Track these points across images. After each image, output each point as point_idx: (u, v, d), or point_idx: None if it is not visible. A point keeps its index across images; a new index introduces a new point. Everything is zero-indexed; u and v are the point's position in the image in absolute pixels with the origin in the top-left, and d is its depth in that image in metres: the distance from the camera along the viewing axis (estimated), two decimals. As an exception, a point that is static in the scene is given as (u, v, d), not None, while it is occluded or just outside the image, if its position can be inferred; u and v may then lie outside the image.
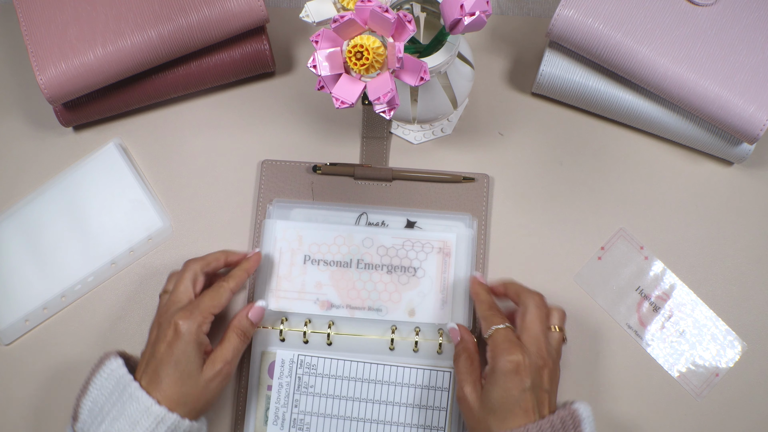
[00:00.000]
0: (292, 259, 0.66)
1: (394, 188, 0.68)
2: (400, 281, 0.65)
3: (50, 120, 0.71)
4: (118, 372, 0.56)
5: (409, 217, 0.67)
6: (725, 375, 0.64)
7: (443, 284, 0.64)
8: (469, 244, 0.66)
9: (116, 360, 0.57)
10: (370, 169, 0.68)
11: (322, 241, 0.66)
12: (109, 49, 0.64)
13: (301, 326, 0.64)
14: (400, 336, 0.63)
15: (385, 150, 0.69)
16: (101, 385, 0.56)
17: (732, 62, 0.62)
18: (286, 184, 0.68)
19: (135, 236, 0.68)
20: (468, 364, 0.58)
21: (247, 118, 0.72)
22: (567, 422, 0.53)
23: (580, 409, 0.54)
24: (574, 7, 0.63)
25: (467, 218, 0.67)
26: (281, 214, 0.67)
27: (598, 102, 0.68)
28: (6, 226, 0.69)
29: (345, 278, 0.65)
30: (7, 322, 0.67)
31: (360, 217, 0.67)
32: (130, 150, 0.71)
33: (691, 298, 0.66)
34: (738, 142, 0.65)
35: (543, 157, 0.70)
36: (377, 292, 0.65)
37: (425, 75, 0.50)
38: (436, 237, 0.65)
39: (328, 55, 0.51)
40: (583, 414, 0.54)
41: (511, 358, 0.54)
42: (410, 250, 0.65)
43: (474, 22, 0.50)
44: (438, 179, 0.68)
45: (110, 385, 0.56)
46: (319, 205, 0.68)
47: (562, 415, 0.53)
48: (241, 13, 0.65)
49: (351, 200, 0.68)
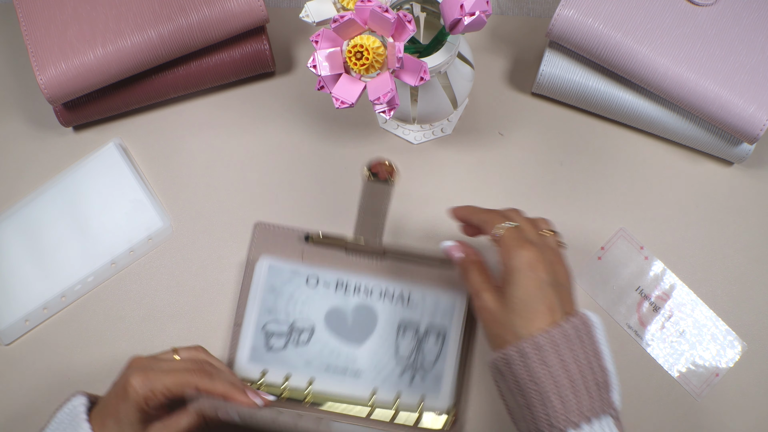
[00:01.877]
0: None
1: (386, 262, 0.66)
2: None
3: (50, 120, 0.71)
4: (77, 410, 0.55)
5: (401, 291, 0.65)
6: (725, 375, 0.64)
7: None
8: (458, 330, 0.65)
9: (80, 398, 0.56)
10: (362, 246, 0.66)
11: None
12: (109, 49, 0.64)
13: (280, 380, 0.63)
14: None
15: (380, 225, 0.67)
16: (60, 420, 0.55)
17: (732, 62, 0.62)
18: (276, 248, 0.66)
19: (135, 236, 0.68)
20: (480, 273, 0.56)
21: (247, 118, 0.72)
22: (579, 328, 0.51)
23: (591, 317, 0.52)
24: (574, 7, 0.63)
25: (458, 302, 0.65)
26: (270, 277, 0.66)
27: (598, 102, 0.68)
28: (6, 226, 0.69)
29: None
30: (7, 322, 0.67)
31: (347, 285, 0.66)
32: (130, 150, 0.71)
33: (691, 298, 0.66)
34: (738, 142, 0.65)
35: (543, 157, 0.70)
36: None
37: (425, 75, 0.51)
38: (426, 320, 0.65)
39: (328, 55, 0.51)
40: (593, 320, 0.52)
41: (524, 253, 0.52)
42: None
43: (474, 22, 0.50)
44: (430, 262, 0.65)
45: (66, 421, 0.55)
46: (308, 267, 0.66)
47: (574, 321, 0.51)
48: (241, 13, 0.65)
49: (340, 267, 0.66)
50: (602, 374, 0.50)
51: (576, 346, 0.50)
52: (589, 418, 0.48)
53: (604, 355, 0.51)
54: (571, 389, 0.48)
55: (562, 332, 0.50)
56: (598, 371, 0.50)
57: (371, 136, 0.71)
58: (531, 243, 0.53)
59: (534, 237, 0.55)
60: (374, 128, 0.71)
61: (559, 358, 0.49)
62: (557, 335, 0.50)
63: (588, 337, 0.51)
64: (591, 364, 0.50)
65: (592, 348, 0.50)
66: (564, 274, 0.54)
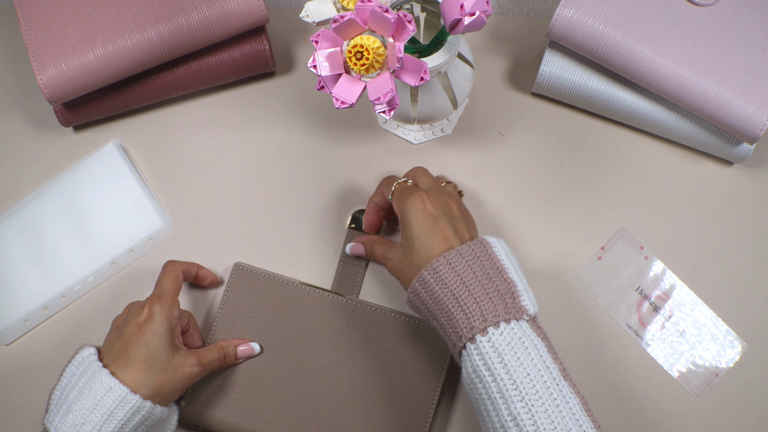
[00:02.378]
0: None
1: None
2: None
3: (50, 120, 0.71)
4: (87, 360, 0.56)
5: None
6: (725, 375, 0.64)
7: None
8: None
9: (88, 349, 0.57)
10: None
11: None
12: (109, 49, 0.64)
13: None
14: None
15: (359, 278, 0.66)
16: (71, 374, 0.56)
17: (732, 62, 0.62)
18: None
19: (135, 236, 0.68)
20: (380, 243, 0.62)
21: (247, 118, 0.72)
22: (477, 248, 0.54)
23: (491, 240, 0.55)
24: (574, 7, 0.63)
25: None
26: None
27: (598, 102, 0.68)
28: (6, 226, 0.69)
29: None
30: (7, 322, 0.67)
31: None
32: (130, 150, 0.71)
33: (691, 298, 0.66)
34: (738, 142, 0.65)
35: (543, 157, 0.70)
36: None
37: (425, 75, 0.50)
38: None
39: (328, 55, 0.51)
40: (492, 241, 0.55)
41: (413, 198, 0.56)
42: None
43: (474, 22, 0.50)
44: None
45: (78, 372, 0.56)
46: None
47: (472, 244, 0.54)
48: (241, 13, 0.65)
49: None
50: (505, 285, 0.53)
51: (474, 263, 0.53)
52: (497, 323, 0.50)
53: (507, 269, 0.54)
54: (473, 300, 0.51)
55: (457, 253, 0.53)
56: (501, 283, 0.52)
57: (371, 136, 0.71)
58: (418, 190, 0.58)
59: (428, 185, 0.59)
60: (374, 128, 0.71)
61: (456, 276, 0.52)
62: (452, 256, 0.53)
63: (486, 255, 0.54)
64: (491, 278, 0.53)
65: (492, 264, 0.53)
66: (458, 210, 0.58)
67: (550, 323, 0.65)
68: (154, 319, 0.57)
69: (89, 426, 0.53)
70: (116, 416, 0.53)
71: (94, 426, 0.53)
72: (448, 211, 0.56)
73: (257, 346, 0.63)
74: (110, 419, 0.53)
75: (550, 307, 0.66)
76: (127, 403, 0.54)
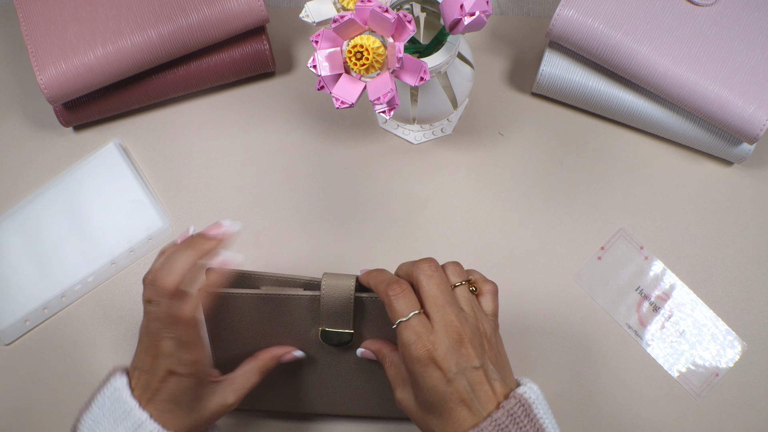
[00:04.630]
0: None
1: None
2: None
3: (50, 120, 0.71)
4: (120, 393, 0.51)
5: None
6: (725, 375, 0.64)
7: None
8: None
9: (121, 378, 0.52)
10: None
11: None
12: (109, 49, 0.64)
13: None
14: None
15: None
16: (102, 403, 0.52)
17: (732, 62, 0.62)
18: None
19: (135, 236, 0.68)
20: (394, 368, 0.53)
21: (247, 118, 0.72)
22: (516, 413, 0.46)
23: (527, 392, 0.47)
24: (574, 7, 0.63)
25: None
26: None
27: (598, 102, 0.68)
28: (6, 226, 0.69)
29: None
30: (7, 322, 0.67)
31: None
32: (130, 150, 0.71)
33: (691, 298, 0.66)
34: (738, 142, 0.65)
35: (543, 157, 0.70)
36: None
37: (425, 75, 0.50)
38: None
39: (328, 55, 0.51)
40: (531, 397, 0.47)
41: (419, 352, 0.47)
42: None
43: (474, 22, 0.50)
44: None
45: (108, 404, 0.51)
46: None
47: (508, 408, 0.46)
48: (241, 13, 0.65)
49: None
50: None
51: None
52: None
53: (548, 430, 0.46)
54: None
55: (493, 424, 0.45)
56: None
57: (371, 136, 0.71)
58: (424, 336, 0.47)
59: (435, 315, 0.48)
60: (374, 128, 0.71)
61: None
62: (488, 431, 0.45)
63: (528, 418, 0.46)
64: None
65: (534, 429, 0.46)
66: (476, 352, 0.47)
67: (550, 323, 0.65)
68: (180, 377, 0.50)
69: None
70: None
71: None
72: (464, 362, 0.47)
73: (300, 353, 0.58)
74: None
75: (550, 307, 0.66)
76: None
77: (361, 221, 0.68)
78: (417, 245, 0.67)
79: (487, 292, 0.51)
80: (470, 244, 0.67)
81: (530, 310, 0.66)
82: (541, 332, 0.65)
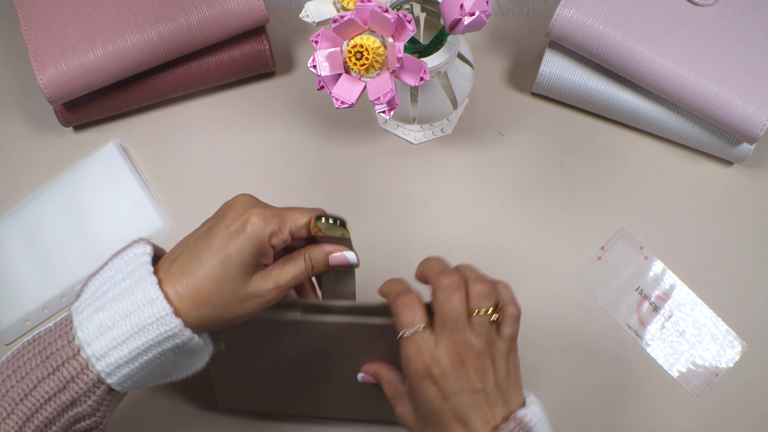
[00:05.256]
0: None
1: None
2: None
3: (50, 120, 0.71)
4: (138, 259, 0.47)
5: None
6: (725, 375, 0.64)
7: None
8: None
9: (143, 247, 0.48)
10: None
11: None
12: (109, 49, 0.64)
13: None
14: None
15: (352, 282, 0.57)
16: (117, 268, 0.48)
17: (732, 62, 0.62)
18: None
19: (135, 236, 0.68)
20: (392, 387, 0.53)
21: (247, 118, 0.72)
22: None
23: (528, 414, 0.46)
24: (574, 7, 0.63)
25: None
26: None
27: (598, 102, 0.68)
28: (6, 226, 0.69)
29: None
30: (7, 322, 0.67)
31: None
32: (130, 150, 0.71)
33: (691, 298, 0.66)
34: (738, 142, 0.65)
35: (543, 157, 0.70)
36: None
37: (425, 75, 0.51)
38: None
39: (328, 55, 0.51)
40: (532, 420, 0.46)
41: (417, 366, 0.47)
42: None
43: (474, 22, 0.50)
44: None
45: (125, 270, 0.47)
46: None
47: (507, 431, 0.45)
48: (241, 13, 0.65)
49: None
50: None
51: None
52: None
53: None
54: None
55: None
56: None
57: (371, 136, 0.71)
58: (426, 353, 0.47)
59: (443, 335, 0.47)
60: (374, 128, 0.71)
61: None
62: None
63: None
64: None
65: None
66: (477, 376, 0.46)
67: (550, 323, 0.65)
68: (245, 234, 0.46)
69: (116, 332, 0.45)
70: (148, 333, 0.45)
71: (121, 333, 0.45)
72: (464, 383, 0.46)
73: (353, 256, 0.51)
74: (140, 333, 0.45)
75: (550, 307, 0.66)
76: (164, 325, 0.45)
77: (361, 221, 0.68)
78: (417, 245, 0.67)
79: (508, 316, 0.49)
80: (470, 244, 0.67)
81: (530, 310, 0.65)
82: (540, 332, 0.65)
